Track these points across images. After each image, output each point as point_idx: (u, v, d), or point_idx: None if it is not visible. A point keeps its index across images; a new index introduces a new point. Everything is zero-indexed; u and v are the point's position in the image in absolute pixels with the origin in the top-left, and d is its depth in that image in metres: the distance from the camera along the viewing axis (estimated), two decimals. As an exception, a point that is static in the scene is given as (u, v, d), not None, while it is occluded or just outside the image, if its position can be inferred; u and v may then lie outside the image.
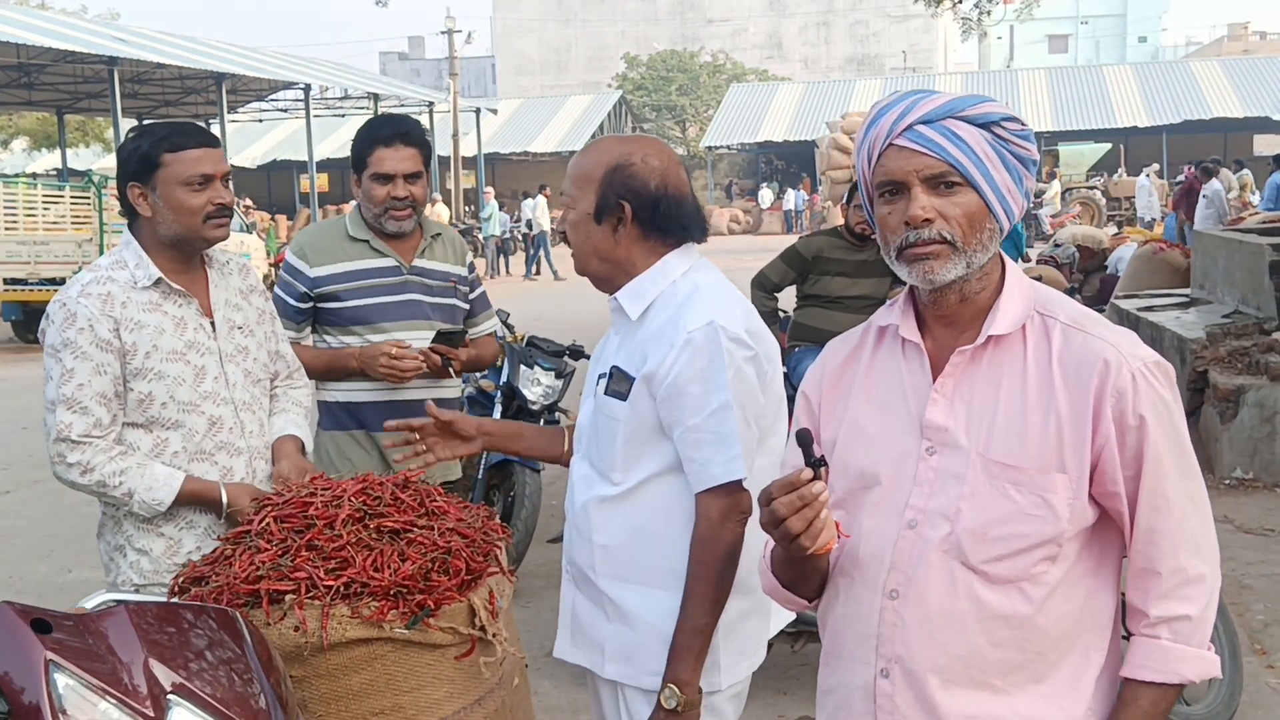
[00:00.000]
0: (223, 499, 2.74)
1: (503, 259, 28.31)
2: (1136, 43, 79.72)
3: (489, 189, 31.79)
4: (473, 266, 3.75)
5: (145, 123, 4.21)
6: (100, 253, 14.36)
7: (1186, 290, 10.81)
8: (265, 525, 2.44)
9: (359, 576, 2.29)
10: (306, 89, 29.66)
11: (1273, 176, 16.02)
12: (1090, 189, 32.22)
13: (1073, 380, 1.62)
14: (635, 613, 2.22)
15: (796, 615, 2.54)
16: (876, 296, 5.67)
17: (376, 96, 32.23)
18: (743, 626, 2.27)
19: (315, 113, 31.55)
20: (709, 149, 46.76)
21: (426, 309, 3.52)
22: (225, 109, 26.24)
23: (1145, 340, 1.75)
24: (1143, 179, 29.46)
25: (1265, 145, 40.73)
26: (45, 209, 17.31)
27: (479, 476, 5.57)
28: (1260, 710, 4.19)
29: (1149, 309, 9.97)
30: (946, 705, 1.65)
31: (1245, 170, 26.14)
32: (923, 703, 1.67)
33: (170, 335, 2.75)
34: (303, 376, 3.16)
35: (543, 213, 26.56)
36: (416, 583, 2.31)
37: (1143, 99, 42.65)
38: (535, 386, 5.87)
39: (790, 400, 2.24)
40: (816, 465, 1.54)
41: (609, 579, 2.25)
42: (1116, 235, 16.94)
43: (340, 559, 2.32)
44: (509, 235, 29.59)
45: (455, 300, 3.62)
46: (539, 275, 26.45)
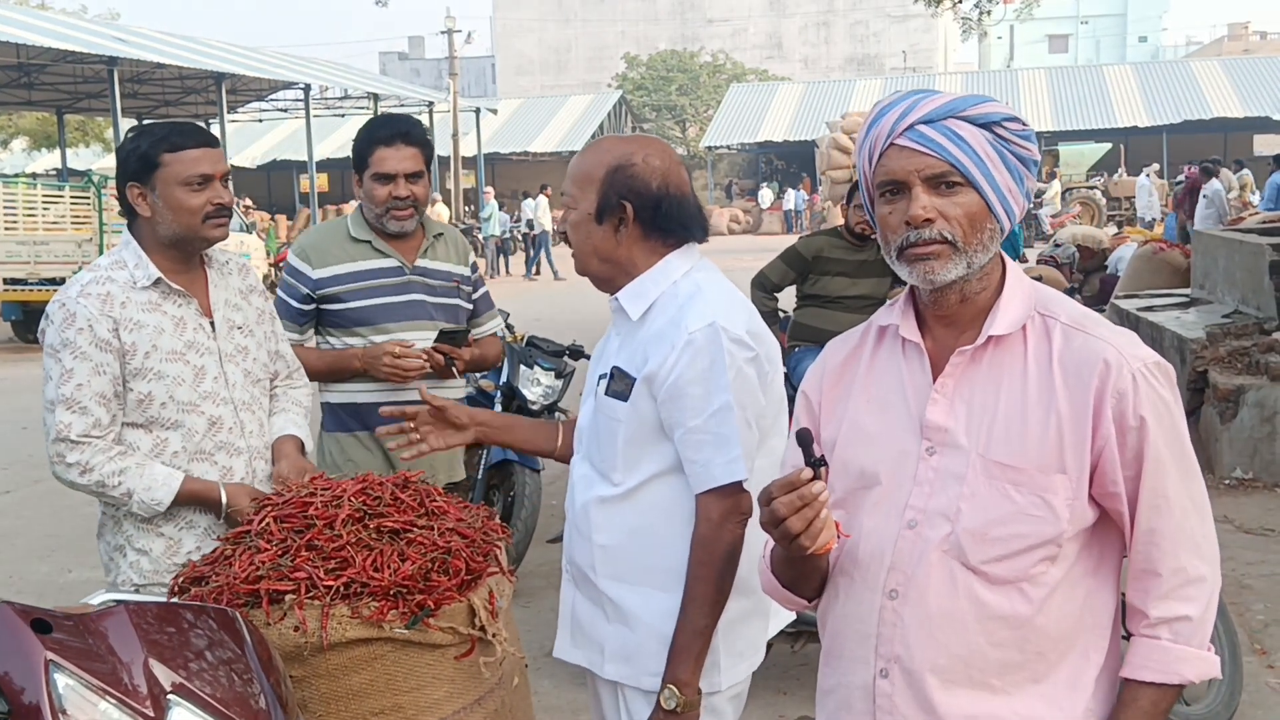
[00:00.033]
0: (222, 499, 2.74)
1: (503, 259, 28.33)
2: (1136, 42, 79.74)
3: (489, 189, 31.78)
4: (475, 266, 3.73)
5: (145, 123, 4.20)
6: (100, 253, 14.36)
7: (1186, 290, 10.81)
8: (265, 525, 2.44)
9: (359, 576, 2.29)
10: (306, 89, 29.66)
11: (1273, 176, 16.02)
12: (1090, 189, 32.21)
13: (1073, 381, 1.62)
14: (635, 613, 2.22)
15: (796, 615, 2.54)
16: (876, 296, 5.67)
17: (376, 96, 32.23)
18: (742, 627, 2.27)
19: (315, 113, 31.55)
20: (709, 149, 46.75)
21: (430, 309, 3.50)
22: (225, 109, 26.25)
23: (1145, 340, 1.75)
24: (1143, 179, 29.47)
25: (1265, 145, 40.73)
26: (45, 209, 17.32)
27: (479, 477, 5.56)
28: (1260, 710, 4.19)
29: (1149, 309, 9.97)
30: (946, 705, 1.66)
31: (1245, 170, 26.15)
32: (922, 703, 1.67)
33: (170, 335, 2.75)
34: (302, 376, 3.16)
35: (544, 213, 26.53)
36: (416, 583, 2.31)
37: (1143, 99, 42.65)
38: (535, 386, 5.87)
39: (790, 400, 2.24)
40: (816, 465, 1.54)
41: (609, 579, 2.25)
42: (1116, 235, 16.95)
43: (340, 559, 2.32)
44: (509, 235, 29.61)
45: (458, 300, 3.60)
46: (539, 275, 26.46)
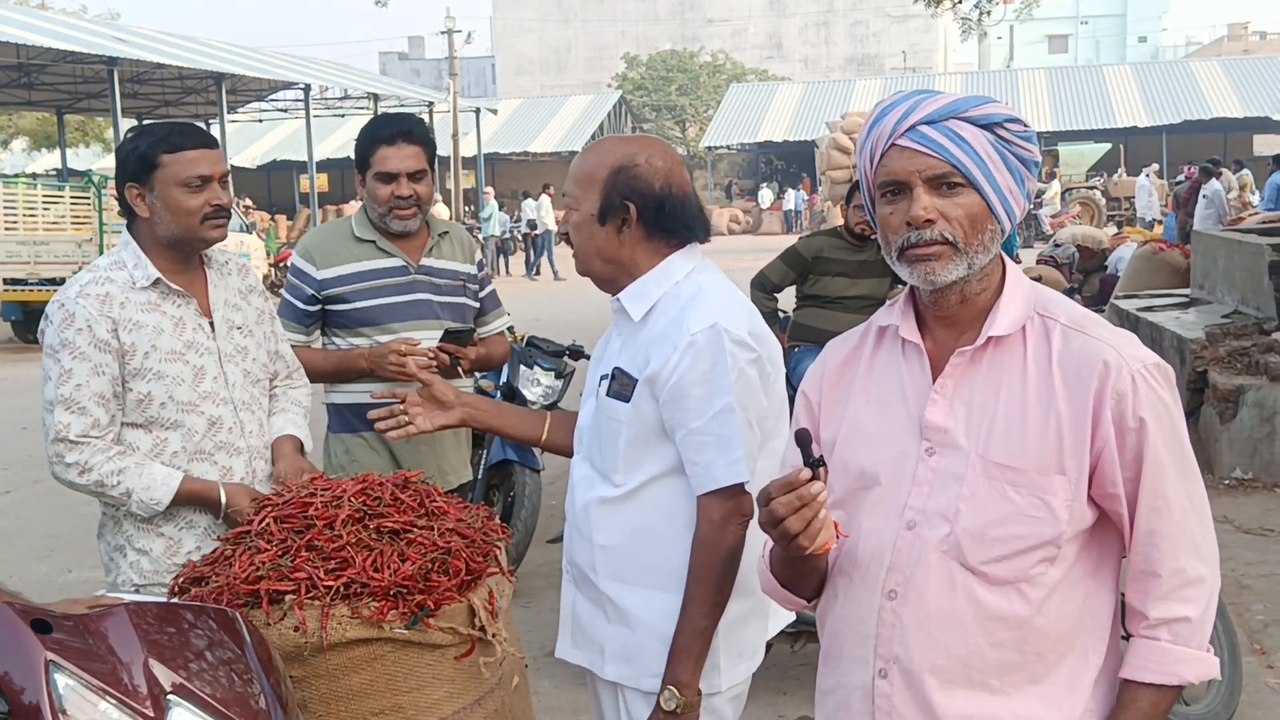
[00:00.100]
0: (221, 499, 2.75)
1: (503, 259, 28.33)
2: (1136, 43, 79.74)
3: (489, 189, 31.78)
4: (482, 264, 3.71)
5: (144, 123, 4.20)
6: (100, 253, 14.37)
7: (1186, 290, 10.81)
8: (265, 525, 2.44)
9: (359, 577, 2.29)
10: (306, 89, 29.65)
11: (1273, 176, 16.00)
12: (1090, 189, 32.21)
13: (1072, 382, 1.62)
14: (635, 614, 2.22)
15: (796, 615, 2.54)
16: (876, 297, 5.67)
17: (376, 96, 32.21)
18: (742, 628, 2.27)
19: (315, 113, 31.54)
20: (709, 149, 46.75)
21: (435, 308, 3.48)
22: (225, 109, 26.24)
23: (1145, 340, 1.75)
24: (1143, 179, 29.46)
25: (1265, 145, 40.73)
26: (45, 209, 17.32)
27: (479, 477, 5.56)
28: (1259, 710, 4.19)
29: (1149, 309, 9.97)
30: (944, 705, 1.65)
31: (1245, 170, 26.14)
32: (921, 703, 1.67)
33: (169, 335, 2.75)
34: (302, 377, 3.15)
35: (547, 212, 26.50)
36: (416, 583, 2.31)
37: (1143, 99, 42.65)
38: (535, 386, 5.87)
39: (790, 401, 2.24)
40: (815, 465, 1.54)
41: (609, 580, 2.25)
42: (1116, 235, 16.94)
43: (340, 559, 2.32)
44: (509, 235, 29.61)
45: (465, 299, 3.58)
46: (539, 275, 26.46)
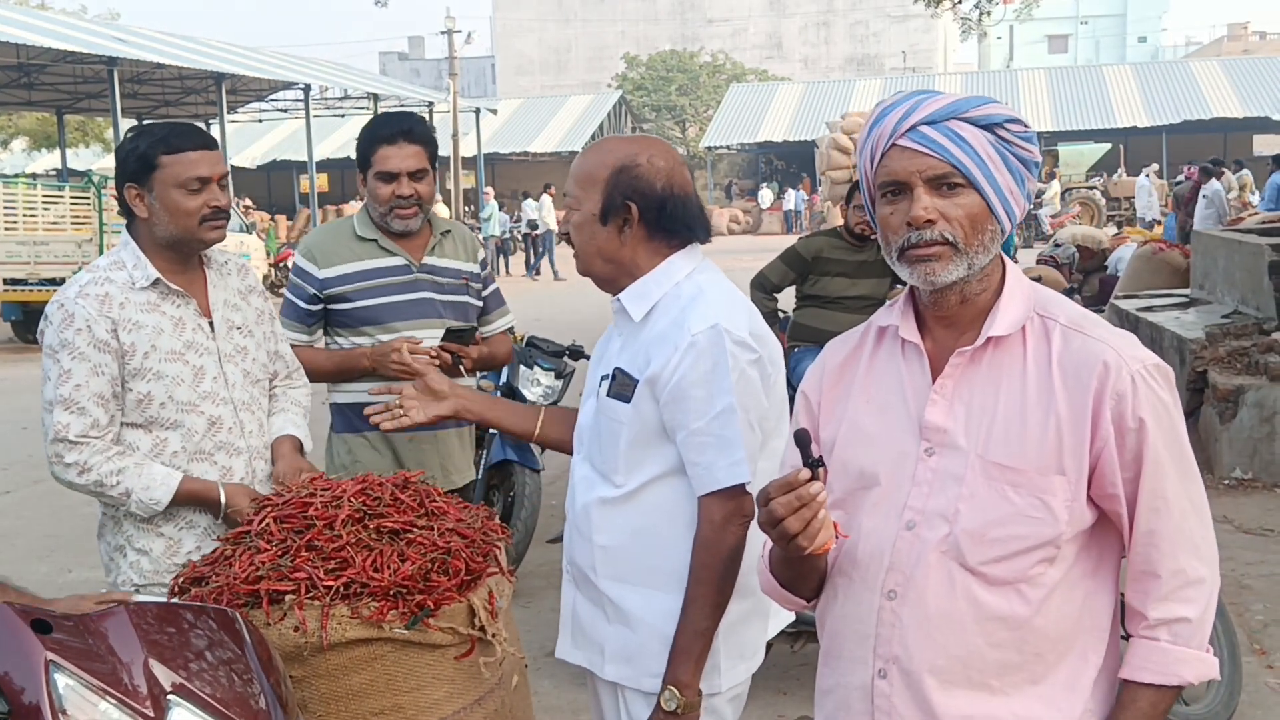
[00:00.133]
0: (221, 499, 2.75)
1: (502, 259, 28.33)
2: (1136, 43, 79.74)
3: (489, 189, 31.78)
4: (485, 263, 3.70)
5: (144, 123, 4.20)
6: (100, 253, 14.37)
7: (1186, 290, 10.81)
8: (265, 526, 2.44)
9: (359, 577, 2.29)
10: (306, 89, 29.65)
11: (1273, 177, 15.99)
12: (1090, 189, 32.22)
13: (1072, 382, 1.62)
14: (636, 614, 2.22)
15: (796, 615, 2.54)
16: (876, 297, 5.67)
17: (376, 97, 32.21)
18: (742, 629, 2.27)
19: (315, 113, 31.54)
20: (709, 149, 46.74)
21: (438, 307, 3.48)
22: (225, 109, 26.24)
23: (1144, 340, 1.76)
24: (1142, 179, 29.45)
25: (1265, 145, 40.74)
26: (45, 209, 17.33)
27: (479, 477, 5.56)
28: (1259, 710, 4.19)
29: (1148, 309, 9.97)
30: (944, 706, 1.66)
31: (1245, 170, 26.13)
32: (920, 703, 1.67)
33: (169, 335, 2.75)
34: (302, 377, 3.15)
35: (549, 212, 26.47)
36: (416, 583, 2.31)
37: (1142, 99, 42.65)
38: (535, 387, 5.87)
39: (789, 401, 2.24)
40: (814, 465, 1.54)
41: (610, 580, 2.25)
42: (1116, 235, 16.94)
43: (340, 559, 2.32)
44: (509, 235, 29.60)
45: (468, 298, 3.57)
46: (539, 276, 26.46)
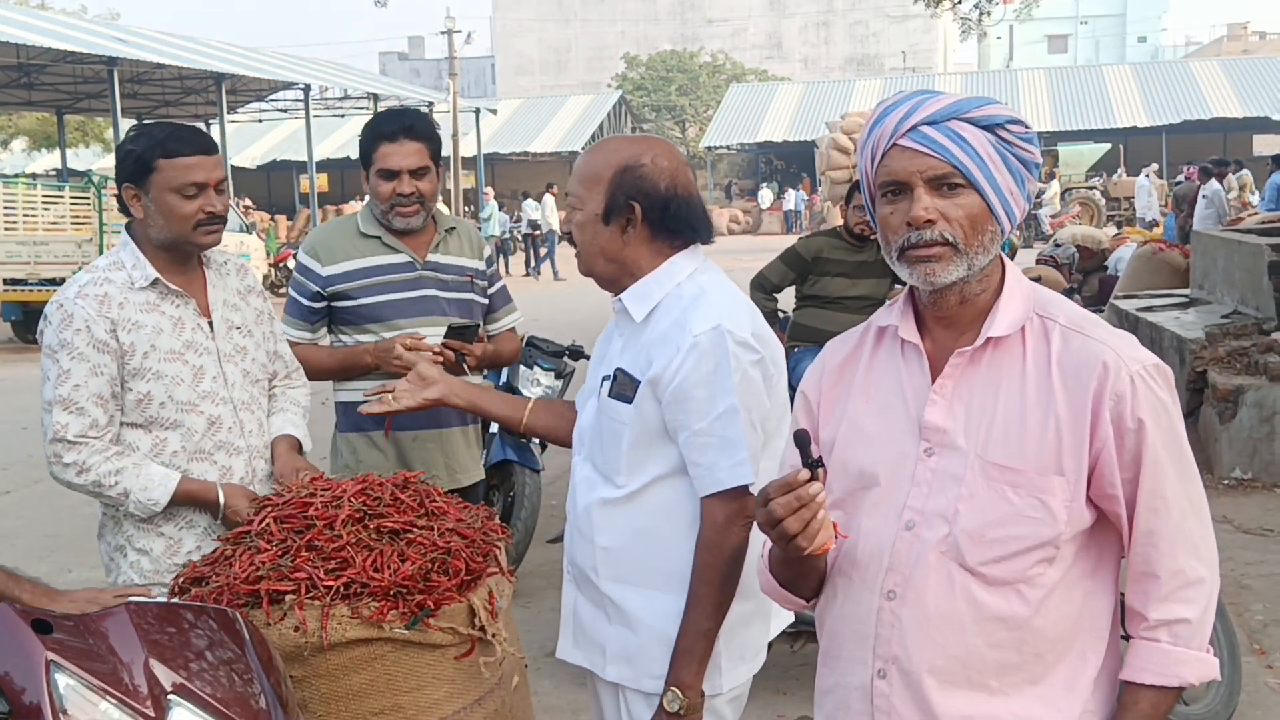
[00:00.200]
0: (219, 500, 2.75)
1: (502, 259, 28.33)
2: (1136, 43, 79.75)
3: (489, 189, 31.79)
4: (491, 260, 3.68)
5: (145, 122, 4.21)
6: (100, 253, 14.37)
7: (1186, 290, 10.81)
8: (265, 525, 2.44)
9: (359, 577, 2.29)
10: (306, 89, 29.64)
11: (1273, 177, 15.99)
12: (1090, 189, 32.22)
13: (1071, 383, 1.62)
14: (637, 615, 2.22)
15: (795, 615, 2.54)
16: (876, 297, 5.68)
17: (376, 97, 32.19)
18: (744, 630, 2.27)
19: (315, 113, 31.52)
20: (709, 149, 46.74)
21: (442, 304, 3.46)
22: (225, 109, 26.23)
23: (1144, 341, 1.76)
24: (1142, 179, 29.44)
25: (1265, 145, 40.74)
26: (45, 209, 17.33)
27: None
28: (1259, 710, 4.20)
29: (1148, 309, 9.97)
30: (943, 706, 1.66)
31: (1245, 170, 26.12)
32: (919, 703, 1.67)
33: (168, 335, 2.76)
34: (301, 377, 3.16)
35: (551, 212, 26.43)
36: (416, 583, 2.31)
37: (1142, 99, 42.66)
38: (535, 387, 5.87)
39: (789, 401, 2.25)
40: (814, 466, 1.54)
41: (611, 581, 2.25)
42: (1116, 236, 16.94)
43: (340, 559, 2.32)
44: (508, 236, 29.60)
45: (472, 295, 3.55)
46: (540, 276, 26.45)
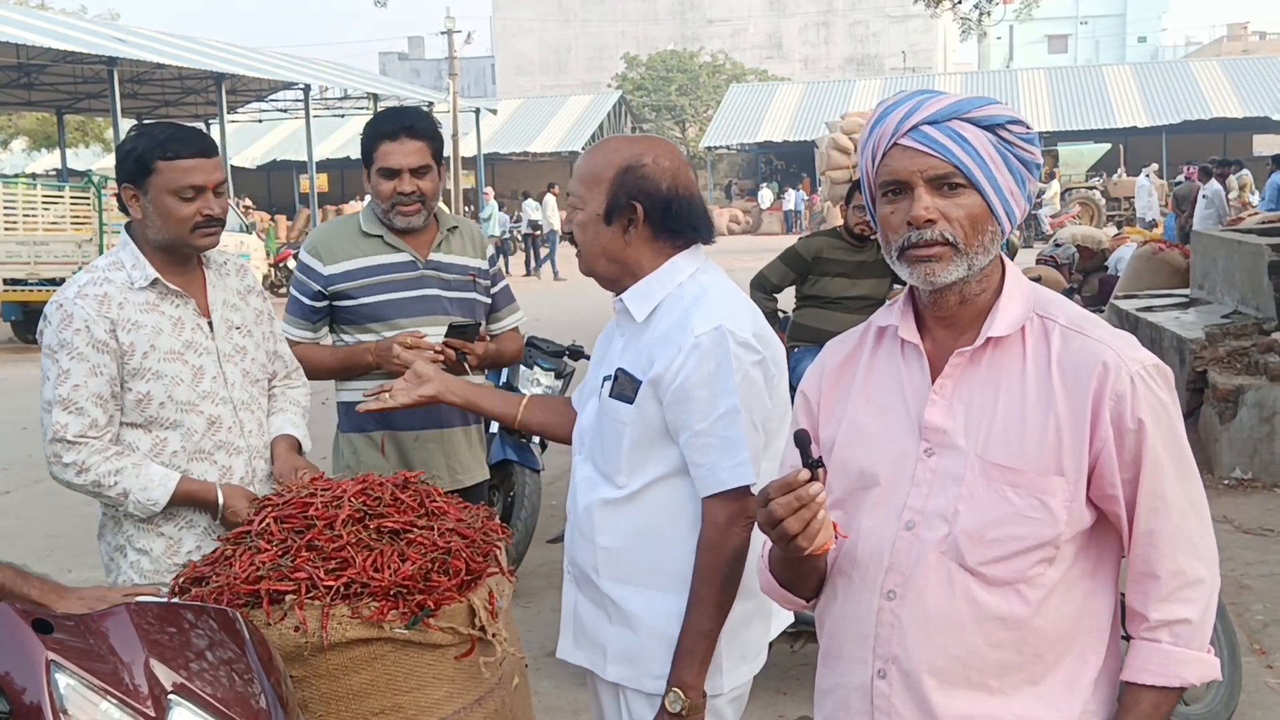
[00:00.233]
0: (219, 500, 2.75)
1: (502, 259, 28.27)
2: (1136, 43, 79.75)
3: (488, 189, 31.78)
4: (494, 260, 3.66)
5: (146, 123, 4.21)
6: (100, 253, 14.36)
7: (1186, 290, 10.81)
8: (265, 525, 2.44)
9: (359, 577, 2.29)
10: (306, 89, 29.63)
11: (1273, 177, 15.99)
12: (1090, 189, 32.22)
13: (1071, 383, 1.62)
14: (638, 615, 2.22)
15: (796, 615, 2.54)
16: (876, 297, 5.67)
17: (376, 97, 32.18)
18: (745, 630, 2.27)
19: (315, 113, 31.51)
20: (709, 149, 46.73)
21: (445, 304, 3.45)
22: (225, 109, 26.23)
23: (1144, 341, 1.76)
24: (1142, 179, 29.44)
25: (1265, 145, 40.75)
26: (45, 209, 17.32)
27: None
28: (1259, 710, 4.20)
29: (1148, 309, 9.97)
30: (943, 706, 1.66)
31: (1245, 170, 26.12)
32: (919, 703, 1.67)
33: (168, 335, 2.76)
34: (301, 377, 3.16)
35: (552, 212, 26.40)
36: (416, 583, 2.31)
37: (1142, 99, 42.65)
38: (535, 386, 5.87)
39: (790, 401, 2.24)
40: (814, 466, 1.54)
41: (612, 581, 2.25)
42: (1116, 236, 16.94)
43: (340, 559, 2.32)
44: (508, 235, 29.60)
45: (475, 294, 3.54)
46: (540, 275, 26.45)
